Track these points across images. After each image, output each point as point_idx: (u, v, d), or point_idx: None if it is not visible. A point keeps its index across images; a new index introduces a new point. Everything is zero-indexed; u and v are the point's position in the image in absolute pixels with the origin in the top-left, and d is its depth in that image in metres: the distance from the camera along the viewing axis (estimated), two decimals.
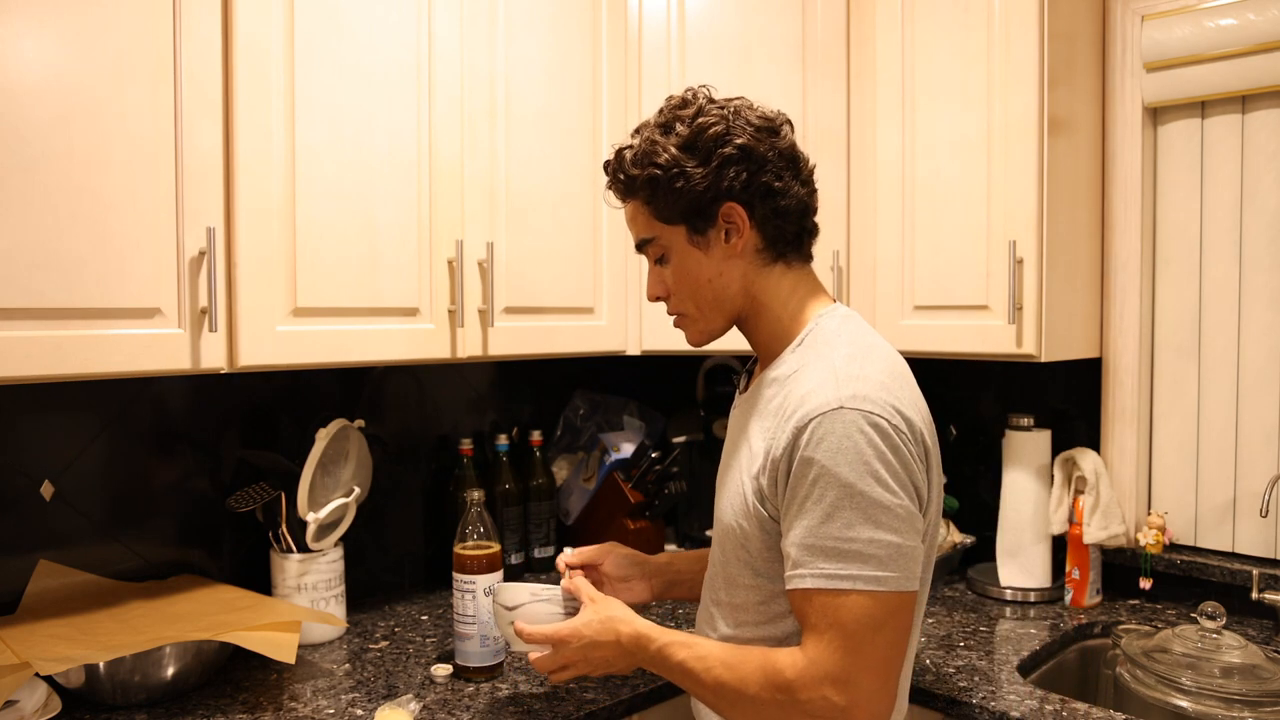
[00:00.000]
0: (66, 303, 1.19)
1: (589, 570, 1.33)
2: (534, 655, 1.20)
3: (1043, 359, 1.68)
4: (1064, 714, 1.33)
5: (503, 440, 2.00)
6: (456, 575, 1.42)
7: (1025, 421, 1.88)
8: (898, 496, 0.98)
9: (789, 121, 1.17)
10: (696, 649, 1.09)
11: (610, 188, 1.21)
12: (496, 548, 1.44)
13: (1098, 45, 1.86)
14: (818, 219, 1.20)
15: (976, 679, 1.46)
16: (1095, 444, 1.91)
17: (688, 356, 1.31)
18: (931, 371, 2.16)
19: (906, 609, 1.00)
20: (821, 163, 1.89)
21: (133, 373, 1.25)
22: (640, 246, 1.21)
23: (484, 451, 2.03)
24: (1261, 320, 1.75)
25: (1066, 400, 1.96)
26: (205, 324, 1.30)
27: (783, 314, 1.16)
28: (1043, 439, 1.87)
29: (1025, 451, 1.86)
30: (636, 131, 1.18)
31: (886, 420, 0.99)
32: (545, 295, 1.75)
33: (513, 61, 1.68)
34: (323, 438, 1.57)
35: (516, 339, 1.70)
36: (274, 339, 1.38)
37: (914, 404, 1.06)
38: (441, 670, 1.45)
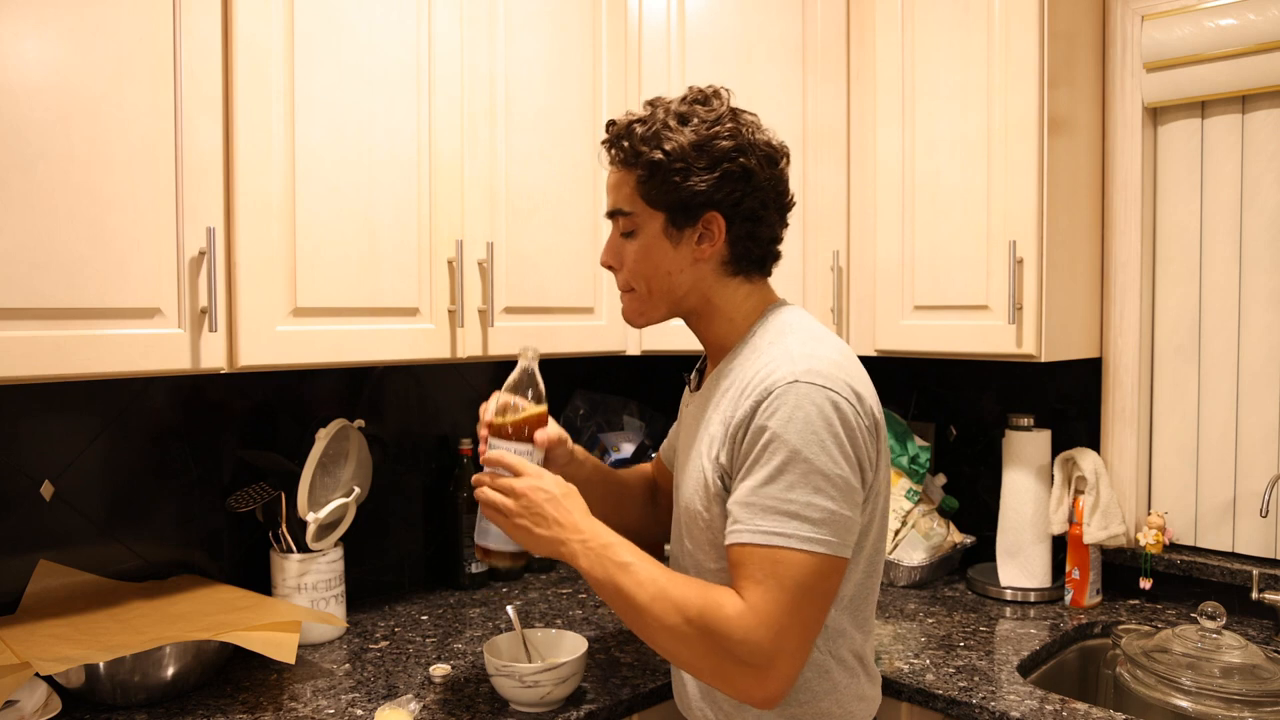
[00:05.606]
0: (67, 303, 1.19)
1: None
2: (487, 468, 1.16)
3: (1043, 359, 1.68)
4: (1064, 714, 1.33)
5: None
6: (493, 440, 1.20)
7: (1025, 421, 1.88)
8: (840, 468, 1.03)
9: (788, 155, 1.22)
10: (645, 559, 1.09)
11: (608, 150, 1.20)
12: (542, 409, 1.20)
13: (1098, 45, 1.86)
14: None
15: (976, 679, 1.46)
16: (1095, 444, 1.91)
17: (688, 356, 1.31)
18: (931, 371, 2.17)
19: (837, 575, 1.04)
20: (821, 163, 1.91)
21: (133, 373, 1.25)
22: (613, 214, 1.21)
23: None
24: (1261, 320, 1.75)
25: (1066, 400, 1.96)
26: (205, 324, 1.30)
27: (735, 316, 1.20)
28: (1043, 439, 1.87)
29: (1025, 451, 1.86)
30: (651, 104, 1.17)
31: (840, 395, 1.04)
32: (545, 295, 1.76)
33: (513, 61, 1.68)
34: (323, 438, 1.57)
35: (516, 339, 1.69)
36: (274, 339, 1.38)
37: (865, 383, 1.11)
38: (441, 670, 1.45)
